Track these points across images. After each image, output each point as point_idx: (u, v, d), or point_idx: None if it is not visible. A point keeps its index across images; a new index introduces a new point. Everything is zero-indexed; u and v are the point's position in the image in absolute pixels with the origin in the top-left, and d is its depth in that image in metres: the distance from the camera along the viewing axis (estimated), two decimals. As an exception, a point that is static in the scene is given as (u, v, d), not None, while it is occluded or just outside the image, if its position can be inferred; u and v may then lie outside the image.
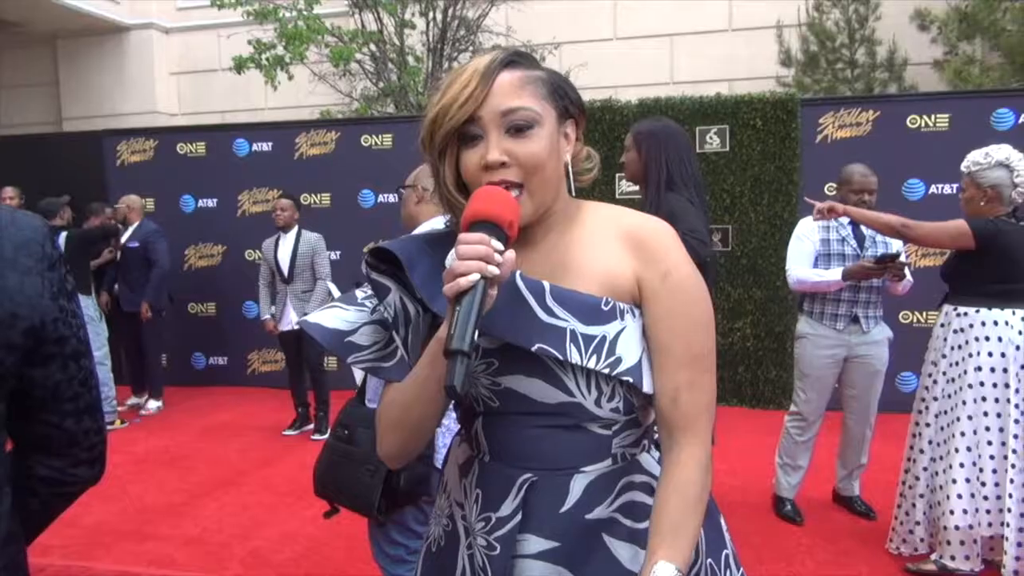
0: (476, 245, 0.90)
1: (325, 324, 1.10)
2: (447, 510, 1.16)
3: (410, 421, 1.06)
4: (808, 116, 5.55)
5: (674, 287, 1.04)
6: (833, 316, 3.46)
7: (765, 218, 5.57)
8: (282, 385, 5.78)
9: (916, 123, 5.38)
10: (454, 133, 1.00)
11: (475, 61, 1.02)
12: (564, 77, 1.09)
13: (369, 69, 8.40)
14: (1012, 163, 2.93)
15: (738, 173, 5.59)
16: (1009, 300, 2.87)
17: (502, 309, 1.01)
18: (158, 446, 5.08)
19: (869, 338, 3.46)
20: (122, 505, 3.96)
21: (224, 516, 3.83)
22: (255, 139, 6.65)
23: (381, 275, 1.10)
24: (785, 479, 3.64)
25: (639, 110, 5.75)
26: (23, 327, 0.91)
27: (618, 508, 1.07)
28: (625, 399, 1.06)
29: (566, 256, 1.07)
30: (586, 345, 1.01)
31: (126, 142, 6.90)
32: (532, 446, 1.06)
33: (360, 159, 6.34)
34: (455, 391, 0.85)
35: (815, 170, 5.47)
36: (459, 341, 0.86)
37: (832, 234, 3.48)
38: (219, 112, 10.18)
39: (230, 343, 6.79)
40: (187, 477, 4.44)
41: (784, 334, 5.55)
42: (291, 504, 3.92)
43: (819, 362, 3.47)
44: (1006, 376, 2.82)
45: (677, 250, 1.06)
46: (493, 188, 0.96)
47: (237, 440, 5.18)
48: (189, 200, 6.82)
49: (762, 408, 5.60)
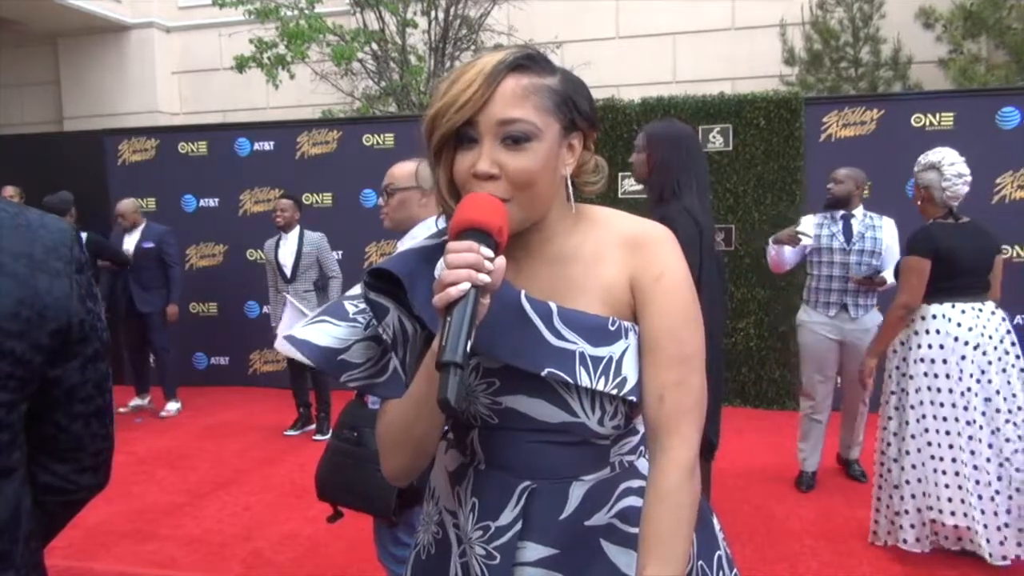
0: (465, 253, 0.88)
1: (315, 341, 1.07)
2: (436, 517, 1.15)
3: (412, 440, 1.04)
4: (812, 115, 5.54)
5: (666, 288, 1.03)
6: (825, 304, 3.88)
7: (768, 217, 5.57)
8: (284, 385, 5.79)
9: (920, 122, 5.37)
10: (451, 135, 0.98)
11: (483, 60, 0.98)
12: (578, 85, 1.04)
13: (371, 68, 8.40)
14: (943, 166, 3.09)
15: (741, 172, 5.59)
16: (946, 295, 3.08)
17: (508, 332, 0.99)
18: (159, 446, 5.08)
19: (859, 325, 3.83)
20: (123, 505, 3.97)
21: (225, 516, 3.84)
22: (257, 138, 6.65)
23: (379, 295, 1.06)
24: (802, 455, 4.03)
25: (641, 109, 5.76)
26: (51, 328, 0.92)
27: (616, 514, 1.07)
28: (626, 416, 1.06)
29: (568, 270, 1.05)
30: (594, 367, 1.01)
31: (127, 141, 6.90)
32: (531, 458, 1.05)
33: (362, 159, 6.34)
34: (449, 404, 0.83)
35: (818, 169, 5.46)
36: (451, 353, 0.84)
37: (824, 230, 3.94)
38: (220, 111, 10.19)
39: (232, 343, 6.79)
40: (188, 477, 4.45)
41: (788, 334, 5.53)
42: (292, 504, 3.93)
43: (816, 344, 3.89)
44: (946, 367, 3.01)
45: (673, 254, 1.05)
46: (480, 195, 0.94)
47: (238, 440, 5.18)
48: (191, 200, 6.82)
49: (765, 408, 5.60)
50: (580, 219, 1.08)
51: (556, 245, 1.06)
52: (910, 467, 3.07)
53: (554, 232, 1.05)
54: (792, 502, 3.83)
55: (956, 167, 3.08)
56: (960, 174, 3.08)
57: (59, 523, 1.05)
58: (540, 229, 1.04)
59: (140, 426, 5.63)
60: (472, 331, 0.86)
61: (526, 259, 1.05)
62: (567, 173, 1.03)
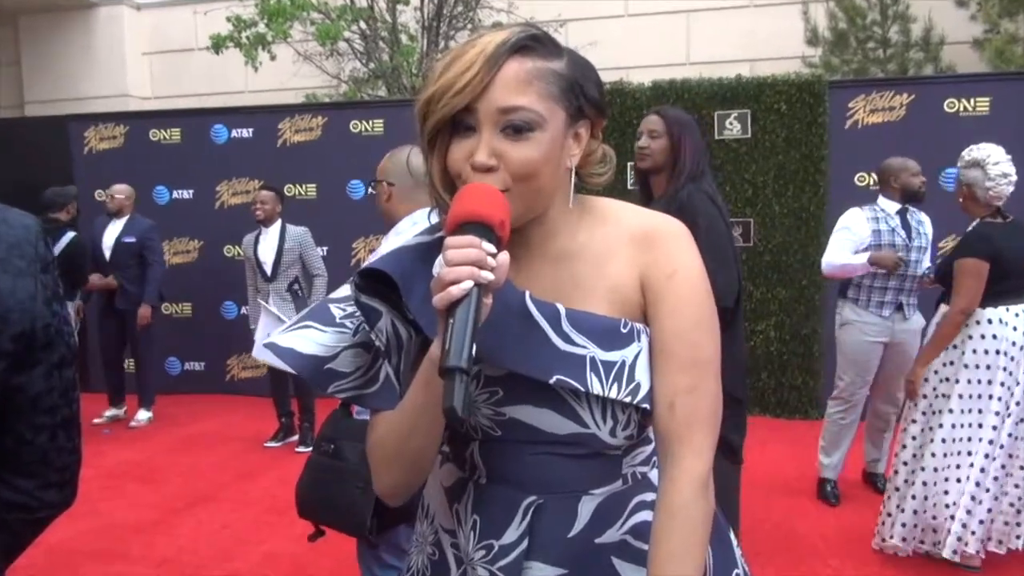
0: (466, 249, 0.87)
1: (300, 349, 1.06)
2: (431, 537, 1.14)
3: (409, 454, 1.04)
4: (837, 100, 5.55)
5: (680, 287, 1.03)
6: (879, 303, 3.87)
7: (790, 211, 5.58)
8: (264, 393, 5.79)
9: (954, 107, 5.38)
10: (447, 121, 0.97)
11: (484, 39, 0.97)
12: (586, 69, 1.03)
13: (358, 48, 8.40)
14: (987, 165, 3.16)
15: (760, 162, 5.60)
16: (1000, 298, 3.14)
17: (512, 336, 0.99)
18: (129, 459, 5.09)
19: (909, 325, 3.89)
20: (90, 523, 3.96)
21: (201, 535, 3.85)
22: (234, 125, 6.66)
23: (371, 297, 1.05)
24: (827, 460, 4.08)
25: (652, 93, 5.76)
26: (14, 332, 0.91)
27: (629, 530, 1.07)
28: (639, 425, 1.06)
29: (573, 269, 1.05)
30: (606, 373, 1.00)
31: (94, 128, 6.91)
32: (538, 470, 1.05)
33: (349, 147, 6.34)
34: (455, 413, 0.82)
35: (844, 158, 5.48)
36: (456, 357, 0.83)
37: (882, 225, 3.87)
38: (195, 96, 10.18)
39: (207, 347, 6.80)
40: (161, 492, 4.45)
41: (811, 337, 5.56)
42: (274, 522, 3.94)
43: (864, 347, 3.90)
44: (992, 372, 3.10)
45: (688, 251, 1.05)
46: (480, 185, 0.93)
47: (215, 452, 5.19)
48: (163, 191, 6.83)
49: (787, 418, 5.61)
50: (585, 213, 1.07)
51: (560, 242, 1.05)
52: (931, 469, 3.19)
53: (557, 227, 1.05)
54: (815, 518, 3.85)
55: (1001, 166, 3.17)
56: (1005, 174, 3.17)
57: (21, 543, 1.05)
58: (542, 224, 1.04)
59: (108, 437, 5.63)
60: (476, 333, 0.85)
61: (526, 257, 1.05)
62: (572, 165, 1.03)
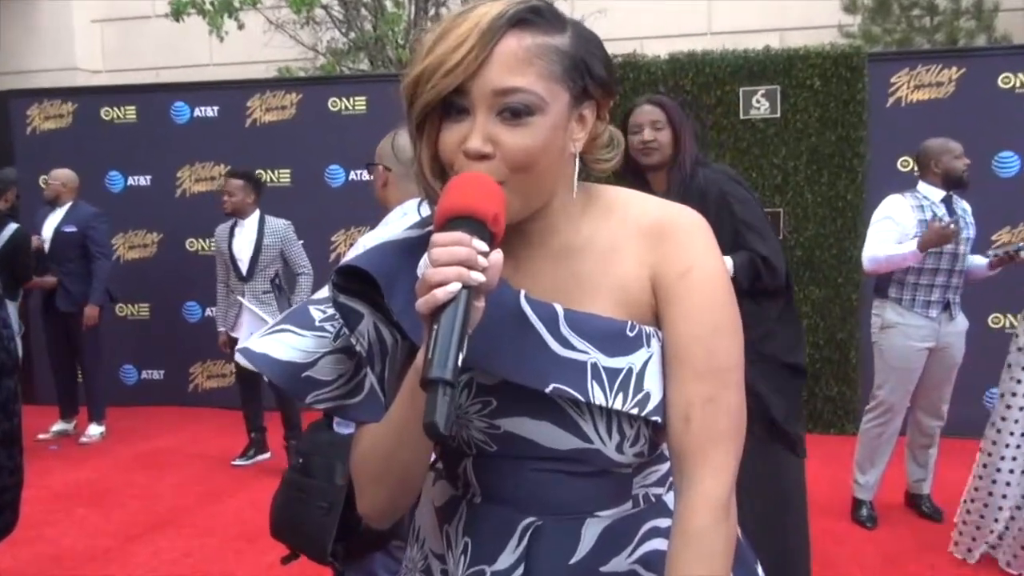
0: (454, 247, 0.87)
1: (275, 355, 1.06)
2: (421, 563, 1.15)
3: (395, 471, 1.04)
4: (877, 74, 5.55)
5: (695, 286, 1.02)
6: (926, 303, 3.86)
7: (824, 199, 5.57)
8: (232, 405, 5.79)
9: (1009, 82, 5.39)
10: (437, 103, 0.97)
11: (478, 10, 0.96)
12: (592, 44, 1.03)
13: (338, 16, 8.40)
14: None
15: (791, 144, 5.59)
16: None
17: (506, 341, 0.99)
18: (79, 478, 5.08)
19: (954, 327, 3.91)
20: (35, 550, 3.96)
21: (161, 564, 3.84)
22: (197, 103, 6.65)
23: (350, 298, 1.06)
24: (863, 479, 4.08)
25: (669, 68, 5.76)
26: None
27: (639, 559, 1.06)
28: (650, 441, 1.05)
29: (577, 266, 1.05)
30: (610, 382, 1.00)
31: (38, 105, 6.91)
32: (537, 489, 1.05)
33: (327, 127, 6.35)
34: (437, 429, 0.82)
35: (885, 140, 5.47)
36: (439, 368, 0.83)
37: (928, 214, 3.84)
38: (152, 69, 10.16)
39: (167, 353, 6.79)
40: (115, 516, 4.44)
41: (848, 342, 5.55)
42: (243, 549, 3.93)
43: (909, 353, 3.88)
44: None
45: (705, 245, 1.05)
46: (472, 175, 0.93)
47: (176, 472, 5.18)
48: (117, 177, 6.82)
49: (820, 433, 5.59)
50: (591, 204, 1.07)
51: (562, 236, 1.06)
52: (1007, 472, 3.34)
53: (559, 220, 1.05)
54: (854, 544, 3.87)
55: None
56: None
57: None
58: (542, 217, 1.04)
59: (56, 454, 5.63)
60: (464, 341, 0.85)
61: (525, 253, 1.05)
62: (576, 151, 1.03)
